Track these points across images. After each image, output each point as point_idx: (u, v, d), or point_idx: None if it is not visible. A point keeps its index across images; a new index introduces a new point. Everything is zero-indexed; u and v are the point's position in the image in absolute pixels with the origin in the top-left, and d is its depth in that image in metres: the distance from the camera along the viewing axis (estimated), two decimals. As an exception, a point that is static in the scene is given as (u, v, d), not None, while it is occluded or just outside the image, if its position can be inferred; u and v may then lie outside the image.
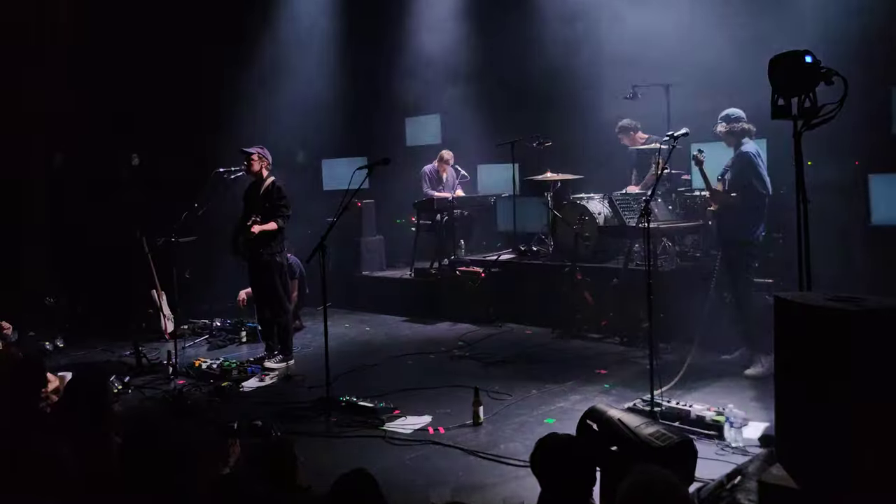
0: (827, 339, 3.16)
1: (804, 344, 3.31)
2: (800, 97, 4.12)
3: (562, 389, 6.21)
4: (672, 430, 3.92)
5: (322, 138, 12.05)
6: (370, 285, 10.64)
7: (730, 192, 6.46)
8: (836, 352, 3.12)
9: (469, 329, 8.73)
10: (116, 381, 6.58)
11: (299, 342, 8.25)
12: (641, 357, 6.79)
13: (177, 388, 6.66)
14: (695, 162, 6.57)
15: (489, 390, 6.12)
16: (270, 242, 7.27)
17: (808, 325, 3.27)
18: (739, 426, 4.75)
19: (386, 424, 5.49)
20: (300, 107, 11.49)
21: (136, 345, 7.58)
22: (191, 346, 8.43)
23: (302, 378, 6.92)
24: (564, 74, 9.84)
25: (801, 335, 3.34)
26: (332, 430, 5.49)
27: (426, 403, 5.96)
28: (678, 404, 5.19)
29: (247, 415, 5.55)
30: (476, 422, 5.40)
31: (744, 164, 6.36)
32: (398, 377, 6.82)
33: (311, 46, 11.75)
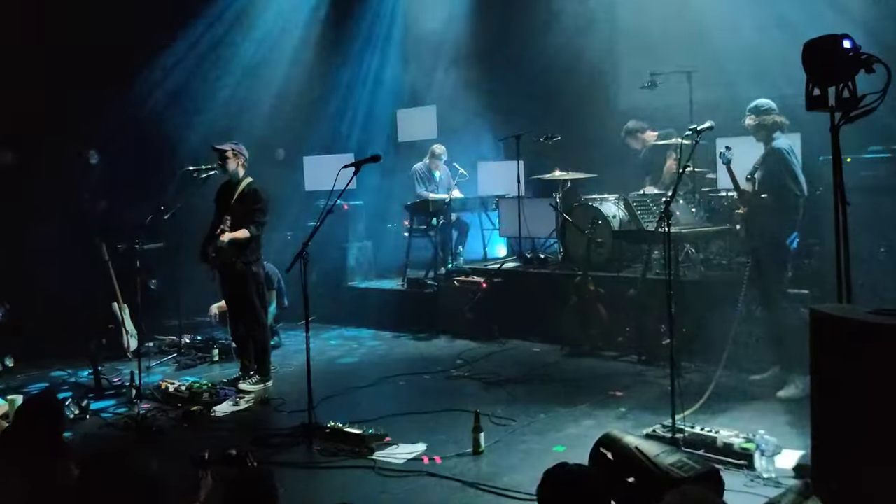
0: (869, 358, 3.17)
1: (844, 363, 3.33)
2: (837, 86, 4.14)
3: (572, 413, 6.21)
4: (696, 460, 3.94)
5: (304, 133, 12.08)
6: (358, 297, 10.65)
7: (760, 193, 6.48)
8: (879, 372, 3.13)
9: (468, 346, 8.73)
10: (73, 406, 6.57)
11: (278, 361, 8.24)
12: (661, 377, 6.80)
13: (141, 412, 6.65)
14: (721, 159, 6.58)
15: (491, 415, 6.12)
16: (245, 250, 7.28)
17: (849, 343, 3.29)
18: (771, 454, 4.74)
19: (375, 453, 5.49)
20: (279, 98, 11.53)
21: (95, 364, 7.56)
22: (157, 366, 8.41)
23: (281, 401, 6.91)
24: (575, 60, 9.88)
25: (841, 353, 3.35)
26: (316, 459, 5.48)
27: (420, 430, 5.96)
28: (703, 430, 5.19)
29: (219, 443, 5.54)
30: (476, 450, 5.40)
31: (776, 162, 6.37)
32: (389, 400, 6.82)
33: (291, 30, 11.79)
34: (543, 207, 9.64)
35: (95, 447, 5.75)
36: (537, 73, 10.63)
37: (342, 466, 5.33)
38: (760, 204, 6.46)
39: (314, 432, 5.79)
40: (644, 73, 8.81)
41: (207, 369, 8.35)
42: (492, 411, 6.20)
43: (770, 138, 6.46)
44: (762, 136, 6.51)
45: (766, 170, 6.45)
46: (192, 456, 5.11)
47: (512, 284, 9.22)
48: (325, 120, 12.09)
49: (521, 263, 9.73)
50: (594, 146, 9.78)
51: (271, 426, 6.25)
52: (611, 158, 9.55)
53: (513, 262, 9.86)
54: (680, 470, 3.84)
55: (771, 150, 6.43)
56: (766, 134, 6.47)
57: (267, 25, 11.64)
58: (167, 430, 6.19)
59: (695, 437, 5.12)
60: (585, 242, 8.34)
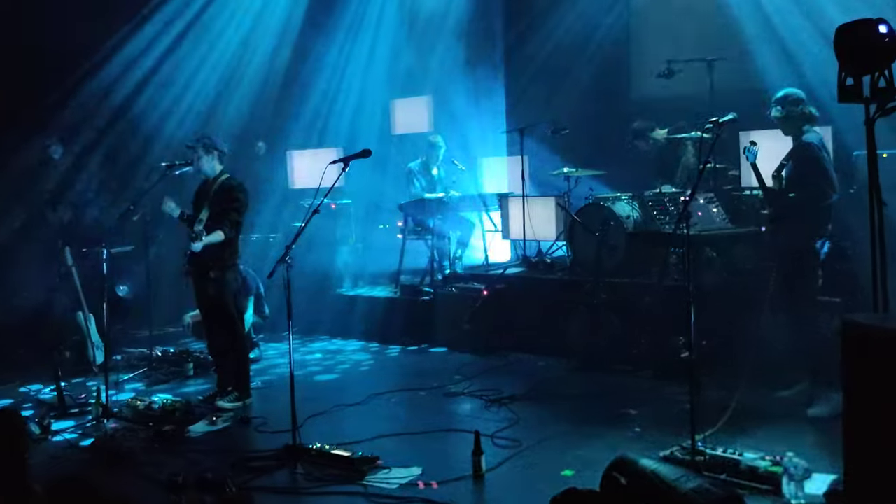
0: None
1: (880, 379, 3.31)
2: (872, 75, 4.14)
3: (582, 434, 6.19)
4: (718, 485, 3.92)
5: (288, 124, 12.08)
6: (347, 305, 10.63)
7: (788, 192, 6.47)
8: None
9: (467, 359, 8.72)
10: (34, 425, 6.55)
11: (259, 376, 8.22)
12: (680, 394, 6.76)
13: (108, 432, 6.63)
14: (746, 155, 6.57)
15: (493, 435, 6.11)
16: (220, 254, 7.26)
17: (885, 356, 3.28)
18: (801, 479, 4.73)
19: (366, 478, 5.46)
20: (260, 86, 11.53)
21: (58, 380, 7.54)
22: (126, 381, 8.39)
23: (262, 421, 6.89)
24: (585, 47, 9.89)
25: (877, 368, 3.34)
26: (300, 484, 5.46)
27: (415, 452, 5.94)
28: (725, 452, 5.18)
29: (195, 466, 5.52)
30: (477, 474, 5.38)
31: (806, 158, 6.36)
32: (381, 419, 6.80)
33: (273, 9, 11.79)
34: (550, 207, 9.65)
35: (59, 470, 5.73)
36: (544, 60, 10.64)
37: (329, 493, 5.30)
38: (788, 204, 6.44)
39: (299, 455, 5.76)
40: (659, 62, 8.82)
41: (181, 385, 8.32)
42: (494, 432, 6.19)
43: (799, 132, 6.45)
44: (790, 130, 6.51)
45: (794, 166, 6.43)
46: (166, 480, 5.12)
47: (516, 292, 9.22)
48: (311, 110, 12.08)
49: (526, 269, 9.72)
50: (605, 140, 9.79)
51: (251, 448, 6.23)
52: (624, 153, 9.55)
53: (517, 268, 9.86)
54: (701, 496, 3.82)
55: (800, 144, 6.42)
56: (794, 127, 6.47)
57: (247, 5, 11.66)
58: (137, 452, 6.15)
59: (716, 460, 5.10)
60: (596, 245, 8.34)
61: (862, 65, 4.19)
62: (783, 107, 6.47)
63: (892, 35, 4.13)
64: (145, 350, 9.20)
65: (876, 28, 4.15)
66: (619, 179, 9.43)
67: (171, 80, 11.01)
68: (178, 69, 11.16)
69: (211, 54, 11.49)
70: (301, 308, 8.36)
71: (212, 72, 11.39)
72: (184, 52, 11.27)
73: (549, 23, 10.45)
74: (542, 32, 10.52)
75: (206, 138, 7.46)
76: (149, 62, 11.00)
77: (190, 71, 11.24)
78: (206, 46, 11.47)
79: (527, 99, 10.68)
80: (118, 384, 8.14)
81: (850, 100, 4.25)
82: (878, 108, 4.17)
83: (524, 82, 10.92)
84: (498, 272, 9.65)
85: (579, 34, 10.10)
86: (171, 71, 11.07)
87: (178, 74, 11.11)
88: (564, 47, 10.27)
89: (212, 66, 11.43)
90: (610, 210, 8.57)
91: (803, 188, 6.35)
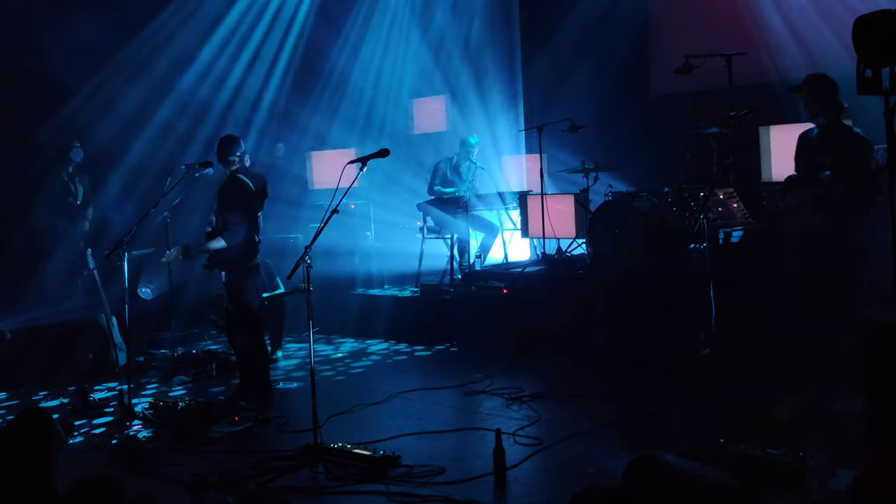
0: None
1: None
2: (892, 67, 4.10)
3: (603, 432, 6.18)
4: (740, 481, 3.89)
5: (307, 125, 12.14)
6: (367, 305, 10.65)
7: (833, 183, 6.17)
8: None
9: (488, 358, 8.69)
10: (58, 426, 6.58)
11: (280, 376, 8.25)
12: (701, 391, 6.73)
13: (131, 433, 6.67)
14: None
15: (514, 433, 6.11)
16: (230, 257, 7.27)
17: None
18: (823, 475, 4.70)
19: (388, 477, 5.48)
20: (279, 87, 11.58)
21: (82, 381, 7.60)
22: (148, 382, 8.45)
23: (283, 420, 6.92)
24: (604, 44, 9.86)
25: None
26: (322, 484, 5.48)
27: (437, 450, 5.95)
28: (748, 449, 5.15)
29: (217, 465, 5.55)
30: (498, 472, 5.37)
31: (852, 144, 6.09)
32: (402, 418, 6.81)
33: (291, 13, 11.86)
34: (570, 204, 9.63)
35: (82, 470, 5.77)
36: (563, 57, 10.63)
37: (351, 492, 5.32)
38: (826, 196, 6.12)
39: (320, 454, 5.78)
40: (679, 56, 8.77)
41: (203, 385, 8.37)
42: (514, 430, 6.19)
43: (834, 117, 6.17)
44: (816, 112, 6.21)
45: (839, 154, 6.09)
46: (188, 480, 5.15)
47: (536, 290, 9.19)
48: (330, 111, 12.13)
49: (546, 267, 9.70)
50: (625, 136, 9.77)
51: (273, 447, 6.24)
52: (643, 149, 9.52)
53: (536, 266, 9.84)
54: (723, 492, 3.80)
55: (846, 127, 6.15)
56: (823, 110, 6.16)
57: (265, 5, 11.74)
58: (159, 452, 6.20)
59: (739, 457, 5.08)
60: (616, 242, 8.31)
61: (882, 56, 4.15)
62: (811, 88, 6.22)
63: (913, 26, 4.09)
64: (168, 351, 9.26)
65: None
66: (638, 176, 9.39)
67: (191, 83, 11.07)
68: (200, 71, 11.23)
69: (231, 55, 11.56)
70: (322, 308, 8.40)
71: (232, 73, 11.45)
72: (205, 55, 11.35)
73: (567, 19, 10.44)
74: (561, 29, 10.51)
75: (229, 137, 7.50)
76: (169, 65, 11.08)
77: (209, 73, 11.30)
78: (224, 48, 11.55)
79: (545, 97, 10.68)
80: (141, 385, 8.19)
81: (870, 91, 4.21)
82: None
83: (542, 80, 10.92)
84: (518, 271, 9.63)
85: (598, 31, 10.08)
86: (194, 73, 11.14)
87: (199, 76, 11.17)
88: (583, 44, 10.25)
89: (232, 67, 11.49)
90: (629, 206, 8.54)
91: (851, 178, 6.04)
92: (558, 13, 10.57)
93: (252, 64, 11.93)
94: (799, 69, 8.24)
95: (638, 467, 4.03)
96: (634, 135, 9.70)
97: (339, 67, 12.27)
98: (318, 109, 12.24)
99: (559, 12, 10.56)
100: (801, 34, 8.26)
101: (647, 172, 9.43)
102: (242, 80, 11.86)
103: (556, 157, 10.13)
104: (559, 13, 10.56)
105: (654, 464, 3.99)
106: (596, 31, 10.21)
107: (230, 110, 11.53)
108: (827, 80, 6.21)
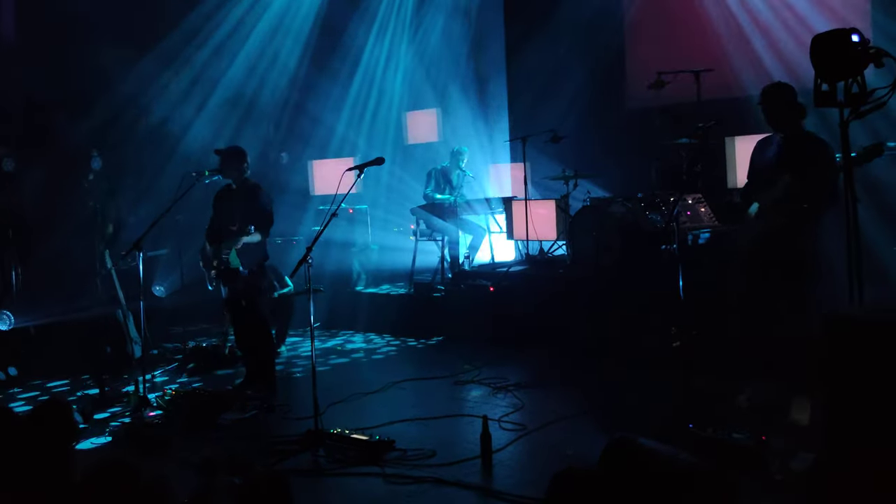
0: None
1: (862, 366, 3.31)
2: (846, 81, 4.13)
3: (583, 418, 6.19)
4: (709, 462, 3.90)
5: (309, 135, 12.13)
6: (364, 302, 10.64)
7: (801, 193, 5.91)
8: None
9: (475, 351, 8.69)
10: (77, 415, 6.57)
11: (283, 367, 8.23)
12: (673, 380, 6.74)
13: (145, 421, 6.65)
14: None
15: (500, 420, 6.12)
16: (254, 255, 7.28)
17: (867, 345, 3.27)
18: (785, 455, 4.72)
19: (383, 459, 5.48)
20: (282, 100, 11.57)
21: (100, 373, 7.57)
22: (161, 374, 8.43)
23: (287, 408, 6.91)
24: (583, 60, 9.89)
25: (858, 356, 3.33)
26: (322, 466, 5.48)
27: (428, 435, 5.96)
28: (715, 432, 5.17)
29: (225, 450, 5.53)
30: (485, 455, 5.38)
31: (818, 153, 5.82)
32: (396, 406, 6.80)
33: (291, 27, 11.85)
34: (551, 209, 9.65)
35: (99, 456, 5.76)
36: (545, 73, 10.66)
37: (349, 474, 5.33)
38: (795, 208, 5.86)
39: (321, 439, 5.78)
40: (652, 72, 8.80)
41: (213, 376, 8.35)
42: (500, 416, 6.20)
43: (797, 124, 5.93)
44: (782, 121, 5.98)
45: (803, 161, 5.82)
46: (198, 463, 5.14)
47: (520, 288, 9.20)
48: (330, 122, 12.13)
49: (530, 267, 9.71)
50: (602, 147, 9.79)
51: (278, 433, 6.23)
52: (619, 158, 9.55)
53: (521, 266, 9.85)
54: (692, 471, 3.81)
55: (808, 137, 5.91)
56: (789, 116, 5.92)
57: (267, 23, 11.73)
58: (172, 439, 6.18)
59: (707, 440, 5.10)
60: (593, 244, 8.33)
61: (836, 72, 4.18)
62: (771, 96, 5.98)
63: (864, 44, 4.12)
64: (179, 344, 9.24)
65: (849, 37, 4.14)
66: (614, 183, 9.42)
67: (198, 94, 11.07)
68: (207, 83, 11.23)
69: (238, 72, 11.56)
70: (322, 305, 8.40)
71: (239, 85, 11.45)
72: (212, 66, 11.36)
73: (548, 38, 10.46)
74: (543, 48, 10.53)
75: (236, 146, 7.49)
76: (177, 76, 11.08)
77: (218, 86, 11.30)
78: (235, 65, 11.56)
79: (529, 109, 10.69)
80: (154, 377, 8.17)
81: (826, 104, 4.24)
82: (852, 111, 4.16)
83: (526, 94, 10.93)
84: (503, 270, 9.64)
85: (578, 49, 10.10)
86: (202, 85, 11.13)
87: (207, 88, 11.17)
88: (564, 61, 10.28)
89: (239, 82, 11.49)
90: (605, 211, 8.56)
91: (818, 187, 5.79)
92: (541, 33, 10.58)
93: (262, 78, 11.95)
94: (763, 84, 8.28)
95: (614, 449, 4.03)
96: (611, 145, 9.71)
97: (340, 81, 12.27)
98: (320, 121, 12.23)
99: (541, 32, 10.57)
100: (765, 52, 8.30)
101: (622, 179, 9.45)
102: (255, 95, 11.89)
103: (539, 165, 10.15)
104: (541, 33, 10.57)
105: (629, 446, 4.00)
106: (576, 48, 10.24)
107: (241, 121, 11.51)
108: (782, 86, 6.02)
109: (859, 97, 4.10)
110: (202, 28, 11.37)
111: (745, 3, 8.81)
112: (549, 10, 10.49)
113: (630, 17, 9.84)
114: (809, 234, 5.85)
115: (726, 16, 8.84)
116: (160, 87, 11.15)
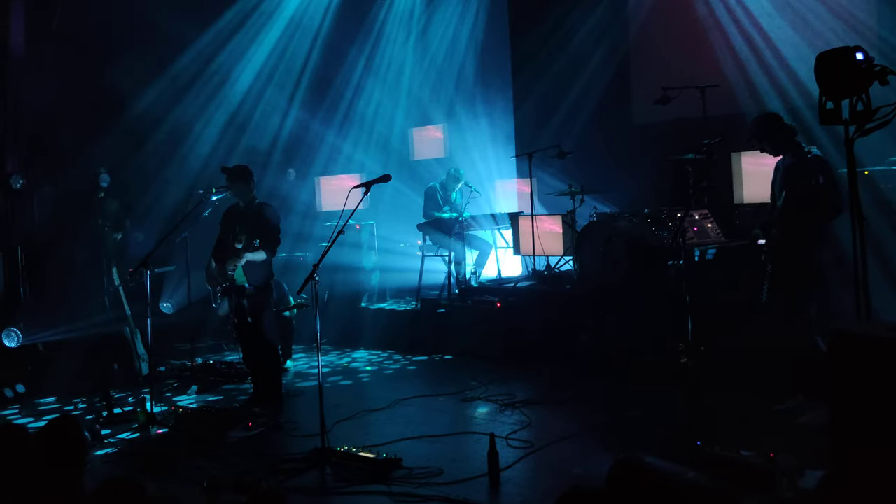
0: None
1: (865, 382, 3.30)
2: (851, 99, 4.14)
3: (590, 435, 6.17)
4: (715, 480, 3.90)
5: (316, 153, 12.18)
6: (371, 318, 10.62)
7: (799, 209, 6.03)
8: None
9: (483, 367, 8.68)
10: (85, 432, 6.58)
11: (290, 385, 8.24)
12: (680, 397, 6.72)
13: (153, 438, 6.66)
14: None
15: (507, 437, 6.11)
16: (260, 273, 7.30)
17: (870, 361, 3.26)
18: (792, 474, 4.70)
19: (390, 478, 5.47)
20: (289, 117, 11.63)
21: (107, 390, 7.59)
22: (168, 391, 8.44)
23: (293, 426, 6.91)
24: (589, 76, 9.91)
25: (862, 372, 3.32)
26: (329, 485, 5.47)
27: (435, 453, 5.95)
28: (723, 451, 5.15)
29: (232, 468, 5.54)
30: (492, 473, 5.37)
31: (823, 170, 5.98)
32: (403, 423, 6.80)
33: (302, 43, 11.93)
34: (558, 225, 9.66)
35: (107, 473, 5.77)
36: (551, 89, 10.70)
37: (356, 492, 5.31)
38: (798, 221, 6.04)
39: (327, 457, 5.77)
40: (658, 88, 8.82)
41: (220, 393, 8.36)
42: (507, 434, 6.19)
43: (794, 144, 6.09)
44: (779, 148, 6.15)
45: (808, 180, 5.98)
46: (205, 482, 5.14)
47: (527, 304, 9.19)
48: (337, 139, 12.19)
49: (536, 282, 9.71)
50: (609, 162, 9.80)
51: (284, 451, 6.23)
52: (625, 174, 9.55)
53: (527, 281, 9.85)
54: (699, 491, 3.80)
55: (811, 156, 6.03)
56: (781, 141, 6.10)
57: (274, 39, 11.82)
58: (179, 456, 6.18)
59: (715, 458, 5.08)
60: (600, 260, 8.32)
61: (841, 90, 4.19)
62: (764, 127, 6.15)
63: (868, 62, 4.13)
64: (187, 361, 9.25)
65: (853, 55, 4.15)
66: (621, 198, 9.42)
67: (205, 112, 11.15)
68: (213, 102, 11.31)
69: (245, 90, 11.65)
70: (329, 321, 8.39)
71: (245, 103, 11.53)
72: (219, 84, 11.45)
73: (554, 55, 10.50)
74: (548, 64, 10.57)
75: (240, 165, 7.53)
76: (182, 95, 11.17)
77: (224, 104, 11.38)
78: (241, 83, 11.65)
79: (535, 125, 10.72)
80: (162, 394, 8.18)
81: (831, 122, 4.25)
82: (857, 129, 4.16)
83: (532, 110, 10.96)
84: (510, 286, 9.64)
85: (584, 65, 10.14)
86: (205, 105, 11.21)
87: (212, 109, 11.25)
88: (570, 77, 10.31)
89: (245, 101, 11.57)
90: (612, 226, 8.55)
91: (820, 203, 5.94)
92: (546, 49, 10.63)
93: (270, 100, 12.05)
94: (771, 100, 8.31)
95: (621, 468, 4.03)
96: (617, 160, 9.72)
97: (346, 100, 12.34)
98: (325, 139, 12.29)
99: (547, 49, 10.62)
100: (769, 68, 8.31)
101: (628, 195, 9.45)
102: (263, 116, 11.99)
103: (545, 180, 10.16)
104: (547, 49, 10.62)
105: (636, 465, 3.99)
106: (582, 65, 10.27)
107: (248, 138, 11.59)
108: (763, 119, 6.19)
109: (864, 115, 4.10)
110: (210, 47, 11.47)
111: (752, 18, 8.82)
112: (554, 27, 10.53)
113: (635, 32, 9.86)
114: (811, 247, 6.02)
115: (731, 31, 8.85)
116: (168, 105, 11.21)
